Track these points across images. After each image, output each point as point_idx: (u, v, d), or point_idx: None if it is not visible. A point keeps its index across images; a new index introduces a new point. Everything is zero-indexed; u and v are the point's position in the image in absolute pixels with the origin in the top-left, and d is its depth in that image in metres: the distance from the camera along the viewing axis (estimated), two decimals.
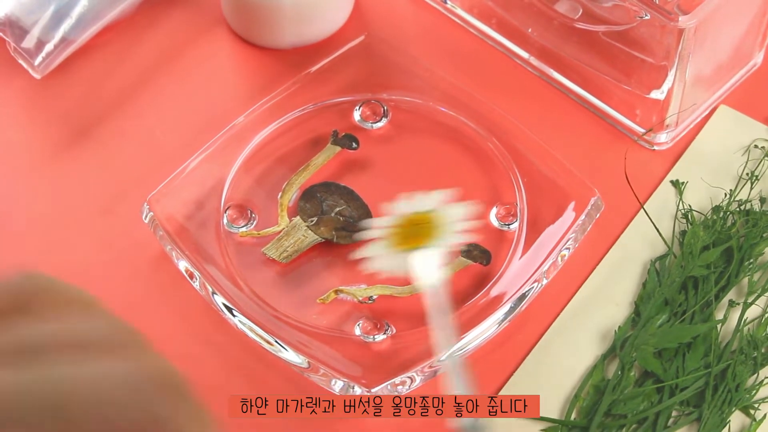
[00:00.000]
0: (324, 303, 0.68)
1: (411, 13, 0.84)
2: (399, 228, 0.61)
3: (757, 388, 0.65)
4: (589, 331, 0.68)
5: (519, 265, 0.68)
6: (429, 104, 0.76)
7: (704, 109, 0.77)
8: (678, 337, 0.66)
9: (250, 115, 0.74)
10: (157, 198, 0.70)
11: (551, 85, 0.79)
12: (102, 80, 0.80)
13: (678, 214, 0.72)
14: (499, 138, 0.74)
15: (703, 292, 0.68)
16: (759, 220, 0.71)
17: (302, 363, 0.64)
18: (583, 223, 0.69)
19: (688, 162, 0.75)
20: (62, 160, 0.76)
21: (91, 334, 0.38)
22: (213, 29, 0.82)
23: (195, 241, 0.69)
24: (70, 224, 0.73)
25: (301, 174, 0.73)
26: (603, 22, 0.74)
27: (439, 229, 0.60)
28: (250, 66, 0.81)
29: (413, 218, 0.61)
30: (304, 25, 0.80)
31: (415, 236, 0.61)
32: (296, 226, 0.70)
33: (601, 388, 0.65)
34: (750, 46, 0.78)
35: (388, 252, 0.61)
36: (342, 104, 0.76)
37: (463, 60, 0.81)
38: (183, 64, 0.81)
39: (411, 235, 0.61)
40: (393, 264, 0.60)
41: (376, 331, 0.67)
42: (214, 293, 0.67)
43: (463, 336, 0.65)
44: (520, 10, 0.78)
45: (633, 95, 0.75)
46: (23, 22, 0.78)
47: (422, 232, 0.61)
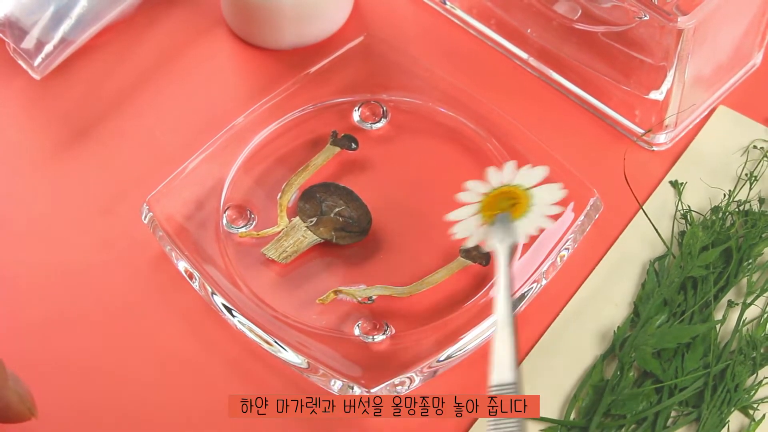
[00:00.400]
0: (323, 303, 0.68)
1: (410, 14, 0.84)
2: (490, 197, 0.64)
3: (756, 388, 0.65)
4: (588, 331, 0.68)
5: (518, 265, 0.68)
6: (428, 105, 0.76)
7: (703, 109, 0.77)
8: (677, 338, 0.66)
9: (250, 115, 0.75)
10: (156, 198, 0.70)
11: (550, 85, 0.79)
12: (102, 81, 0.80)
13: (677, 215, 0.72)
14: (498, 138, 0.74)
15: (702, 292, 0.68)
16: (758, 220, 0.71)
17: (302, 363, 0.65)
18: (582, 223, 0.70)
19: (687, 162, 0.75)
20: (62, 160, 0.76)
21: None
22: (213, 30, 0.83)
23: (194, 242, 0.69)
24: (69, 224, 0.73)
25: (300, 174, 0.73)
26: (602, 23, 0.74)
27: (529, 207, 0.64)
28: (249, 66, 0.81)
29: (506, 190, 0.64)
30: (303, 26, 0.80)
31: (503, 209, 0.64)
32: (295, 227, 0.71)
33: (601, 388, 0.65)
34: (749, 47, 0.78)
35: (474, 219, 0.64)
36: (341, 105, 0.76)
37: (463, 60, 0.81)
38: (183, 65, 0.81)
39: (500, 206, 0.64)
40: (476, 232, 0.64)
41: (375, 332, 0.67)
42: (213, 293, 0.67)
43: (461, 337, 0.65)
44: (520, 11, 0.78)
45: (632, 96, 0.75)
46: (23, 22, 0.78)
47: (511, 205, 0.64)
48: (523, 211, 0.64)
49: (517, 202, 0.64)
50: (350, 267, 0.70)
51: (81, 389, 0.66)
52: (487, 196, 0.64)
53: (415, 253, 0.70)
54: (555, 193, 0.64)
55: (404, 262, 0.70)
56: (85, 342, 0.68)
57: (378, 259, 0.70)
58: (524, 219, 0.64)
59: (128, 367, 0.67)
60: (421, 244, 0.70)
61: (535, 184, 0.64)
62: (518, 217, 0.64)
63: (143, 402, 0.66)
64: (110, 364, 0.67)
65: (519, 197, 0.64)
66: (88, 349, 0.68)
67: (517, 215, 0.64)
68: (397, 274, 0.69)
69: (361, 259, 0.70)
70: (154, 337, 0.68)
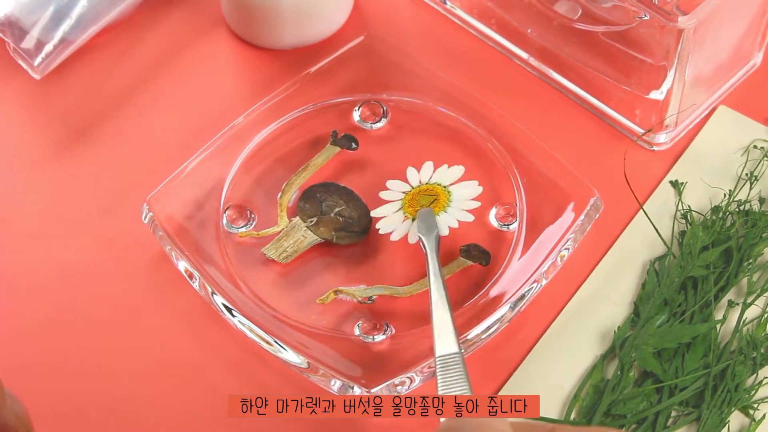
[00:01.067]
0: (323, 303, 0.68)
1: (410, 14, 0.84)
2: (411, 195, 0.70)
3: (756, 388, 0.65)
4: (588, 331, 0.68)
5: (518, 265, 0.69)
6: (428, 105, 0.76)
7: (703, 109, 0.77)
8: (677, 338, 0.66)
9: (250, 115, 0.75)
10: (156, 198, 0.70)
11: (551, 85, 0.79)
12: (101, 80, 0.80)
13: (677, 215, 0.72)
14: (498, 138, 0.74)
15: (703, 292, 0.68)
16: (758, 220, 0.71)
17: (302, 363, 0.65)
18: (583, 223, 0.70)
19: (687, 162, 0.75)
20: (62, 160, 0.76)
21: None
22: (213, 30, 0.83)
23: (194, 242, 0.69)
24: (69, 224, 0.73)
25: (300, 174, 0.73)
26: (602, 23, 0.74)
27: (448, 203, 0.70)
28: (249, 66, 0.81)
29: (426, 188, 0.71)
30: (303, 26, 0.80)
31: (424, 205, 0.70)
32: (296, 227, 0.71)
33: (601, 388, 0.65)
34: (749, 47, 0.78)
35: (398, 215, 0.70)
36: (341, 104, 0.76)
37: (463, 60, 0.81)
38: (183, 65, 0.81)
39: (421, 202, 0.70)
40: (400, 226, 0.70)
41: (375, 332, 0.67)
42: (213, 293, 0.67)
43: (463, 335, 0.65)
44: (520, 11, 0.78)
45: (632, 95, 0.75)
46: (23, 22, 0.78)
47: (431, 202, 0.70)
48: (443, 206, 0.69)
49: (436, 198, 0.70)
50: (350, 267, 0.70)
51: (81, 389, 0.66)
52: (408, 194, 0.70)
53: (415, 253, 0.70)
54: (473, 189, 0.70)
55: (404, 262, 0.70)
56: (85, 342, 0.68)
57: (378, 259, 0.70)
58: (444, 213, 0.69)
59: (128, 367, 0.67)
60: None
61: (453, 182, 0.70)
62: (438, 212, 0.69)
63: (143, 402, 0.66)
64: (110, 364, 0.67)
65: (438, 194, 0.70)
66: (88, 348, 0.68)
67: (438, 210, 0.69)
68: (397, 274, 0.69)
69: (361, 259, 0.70)
70: (154, 337, 0.68)
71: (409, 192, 0.71)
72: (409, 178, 0.71)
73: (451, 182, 0.71)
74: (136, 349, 0.68)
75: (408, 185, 0.71)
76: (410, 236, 0.69)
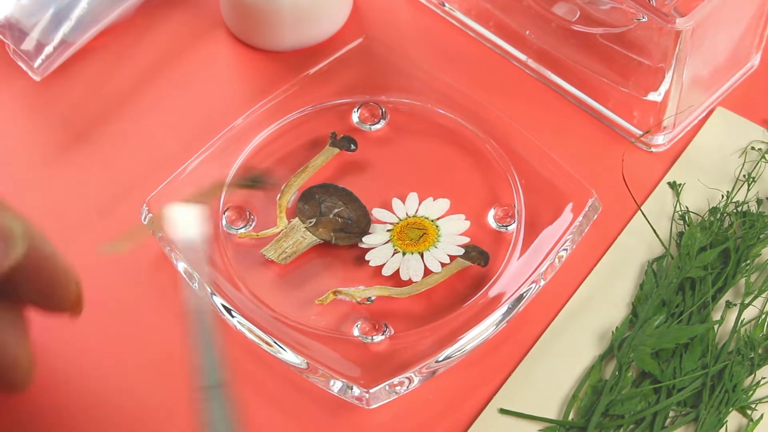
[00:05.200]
0: (323, 304, 0.68)
1: (409, 16, 0.84)
2: (400, 227, 0.70)
3: (754, 388, 0.65)
4: (586, 331, 0.68)
5: (517, 266, 0.69)
6: (427, 106, 0.76)
7: (701, 111, 0.77)
8: (675, 338, 0.66)
9: (249, 116, 0.75)
10: (156, 199, 0.70)
11: (549, 87, 0.79)
12: (101, 82, 0.80)
13: (675, 216, 0.73)
14: (497, 140, 0.74)
15: (701, 293, 0.68)
16: (756, 221, 0.71)
17: (301, 364, 0.65)
18: (581, 224, 0.70)
19: (685, 164, 0.75)
20: (62, 161, 0.76)
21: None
22: (212, 32, 0.83)
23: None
24: (69, 225, 0.73)
25: (299, 175, 0.73)
26: (600, 25, 0.74)
27: (438, 238, 0.69)
28: (248, 68, 0.81)
29: (414, 221, 0.70)
30: (302, 28, 0.80)
31: (413, 238, 0.70)
32: (295, 228, 0.71)
33: (599, 388, 0.65)
34: (747, 49, 0.78)
35: (387, 247, 0.69)
36: (340, 106, 0.76)
37: (461, 62, 0.81)
38: (182, 66, 0.81)
39: (410, 235, 0.70)
40: (390, 261, 0.69)
41: (374, 332, 0.67)
42: (213, 294, 0.67)
43: (460, 337, 0.65)
44: (518, 13, 0.79)
45: (630, 97, 0.75)
46: (23, 24, 0.78)
47: (420, 236, 0.70)
48: (432, 241, 0.69)
49: (425, 232, 0.69)
50: (349, 268, 0.70)
51: (80, 389, 0.66)
52: (397, 227, 0.70)
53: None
54: (459, 224, 0.70)
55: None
56: (85, 342, 0.68)
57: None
58: (435, 249, 0.69)
59: (127, 367, 0.67)
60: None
61: (440, 216, 0.70)
62: (429, 247, 0.69)
63: (142, 402, 0.66)
64: (109, 364, 0.67)
65: (427, 228, 0.70)
66: (88, 349, 0.68)
67: (428, 245, 0.69)
68: (396, 274, 0.69)
69: (360, 260, 0.70)
70: (154, 338, 0.68)
71: (397, 224, 0.70)
72: (395, 210, 0.71)
73: (438, 216, 0.71)
74: (135, 349, 0.68)
75: (395, 216, 0.71)
76: (402, 272, 0.68)
